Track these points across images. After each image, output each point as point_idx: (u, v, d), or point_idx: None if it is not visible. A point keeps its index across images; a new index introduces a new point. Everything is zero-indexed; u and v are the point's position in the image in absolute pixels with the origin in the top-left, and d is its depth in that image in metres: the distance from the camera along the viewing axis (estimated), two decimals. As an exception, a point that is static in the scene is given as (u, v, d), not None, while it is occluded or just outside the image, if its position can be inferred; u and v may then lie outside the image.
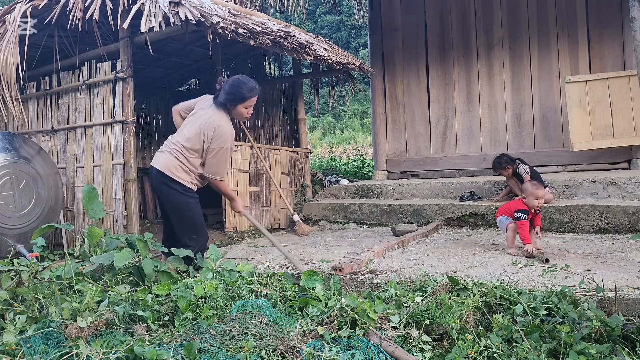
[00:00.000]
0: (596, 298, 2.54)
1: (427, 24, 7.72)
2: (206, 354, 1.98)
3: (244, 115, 3.39)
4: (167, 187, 3.33)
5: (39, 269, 2.66)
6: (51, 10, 5.05)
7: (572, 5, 6.75)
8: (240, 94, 3.28)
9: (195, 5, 4.44)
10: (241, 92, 3.28)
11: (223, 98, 3.31)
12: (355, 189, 6.94)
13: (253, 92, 3.32)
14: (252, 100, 3.32)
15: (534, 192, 3.89)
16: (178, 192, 3.32)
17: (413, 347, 2.12)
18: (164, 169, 3.32)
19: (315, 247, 4.72)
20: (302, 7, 7.49)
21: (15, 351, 2.06)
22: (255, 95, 3.36)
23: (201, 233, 3.40)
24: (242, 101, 3.28)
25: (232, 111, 3.35)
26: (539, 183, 4.05)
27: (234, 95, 3.29)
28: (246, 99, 3.28)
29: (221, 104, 3.34)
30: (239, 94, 3.28)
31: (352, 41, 27.67)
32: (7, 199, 4.51)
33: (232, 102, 3.29)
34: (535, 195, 3.88)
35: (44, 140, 5.74)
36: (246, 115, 3.39)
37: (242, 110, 3.32)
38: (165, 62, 7.82)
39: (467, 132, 7.44)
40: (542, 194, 3.91)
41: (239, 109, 3.32)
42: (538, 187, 3.93)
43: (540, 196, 3.89)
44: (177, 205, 3.36)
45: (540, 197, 3.89)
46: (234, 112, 3.34)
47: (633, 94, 6.12)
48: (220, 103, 3.34)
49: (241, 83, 3.36)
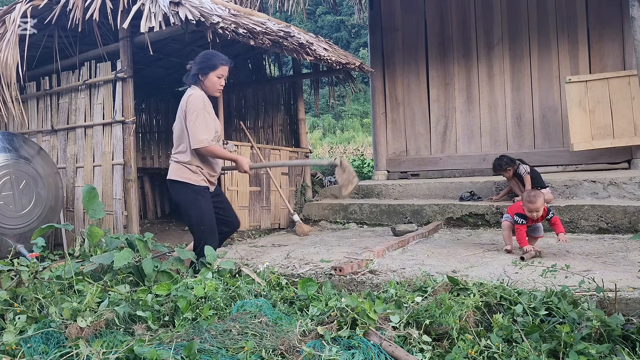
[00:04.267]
0: (596, 298, 2.54)
1: (427, 24, 7.72)
2: (206, 354, 1.98)
3: (216, 86, 3.28)
4: (175, 191, 3.33)
5: (39, 269, 2.66)
6: (51, 10, 5.05)
7: (572, 5, 6.75)
8: (211, 62, 3.24)
9: (195, 5, 4.44)
10: (212, 60, 3.26)
11: (195, 70, 3.27)
12: (355, 189, 6.93)
13: (224, 60, 3.28)
14: (223, 68, 3.25)
15: (527, 204, 3.79)
16: (186, 192, 3.28)
17: (413, 347, 2.12)
18: (171, 176, 3.34)
19: (315, 247, 4.72)
20: (302, 7, 7.49)
21: (15, 351, 2.06)
22: (227, 65, 3.29)
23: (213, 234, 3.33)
24: (214, 69, 3.22)
25: (204, 83, 3.26)
26: (536, 195, 3.79)
27: (205, 63, 3.25)
28: (217, 66, 3.23)
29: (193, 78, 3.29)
30: (209, 62, 3.24)
31: (352, 41, 27.66)
32: (7, 199, 4.51)
33: (204, 70, 3.23)
34: (528, 208, 3.79)
35: (44, 140, 5.74)
36: (219, 87, 3.29)
37: (215, 79, 3.24)
38: (165, 62, 7.82)
39: (467, 132, 7.44)
40: (536, 207, 3.75)
41: (211, 77, 3.24)
42: (533, 200, 3.76)
43: (532, 209, 3.77)
44: (185, 206, 3.31)
45: (532, 210, 3.77)
46: (206, 82, 3.26)
47: (633, 94, 6.12)
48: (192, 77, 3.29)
49: (211, 53, 3.36)
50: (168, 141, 9.52)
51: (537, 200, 3.74)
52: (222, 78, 3.29)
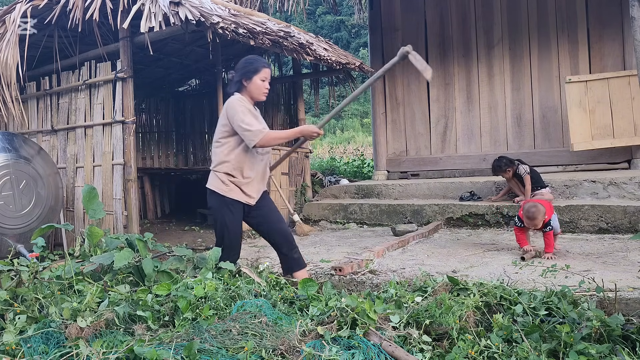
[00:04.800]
0: (596, 298, 2.54)
1: (427, 24, 7.72)
2: (206, 354, 1.98)
3: (262, 89, 3.20)
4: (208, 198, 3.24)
5: (39, 269, 2.65)
6: (51, 10, 5.05)
7: (572, 5, 6.75)
8: (253, 65, 3.19)
9: (195, 5, 4.44)
10: (254, 63, 3.21)
11: (237, 77, 3.21)
12: (355, 189, 6.94)
13: (265, 63, 3.25)
14: (266, 71, 3.20)
15: (526, 218, 3.78)
16: (214, 201, 3.19)
17: (413, 347, 2.12)
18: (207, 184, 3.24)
19: (315, 247, 4.72)
20: (302, 7, 7.49)
21: (15, 351, 2.06)
22: (268, 67, 3.26)
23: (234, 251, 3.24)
24: (257, 72, 3.16)
25: (249, 88, 3.19)
26: (537, 212, 3.73)
27: (247, 67, 3.19)
28: (259, 69, 3.17)
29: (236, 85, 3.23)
30: (251, 65, 3.19)
31: (352, 41, 27.66)
32: (7, 199, 4.51)
33: (247, 75, 3.17)
34: (526, 222, 3.80)
35: (44, 140, 5.74)
36: (264, 90, 3.21)
37: (259, 82, 3.17)
38: (165, 62, 7.82)
39: (467, 132, 7.44)
40: (534, 224, 3.74)
41: (256, 81, 3.17)
42: (532, 216, 3.73)
43: (530, 225, 3.77)
44: (213, 213, 3.25)
45: (530, 225, 3.77)
46: (251, 87, 3.18)
47: (633, 94, 6.12)
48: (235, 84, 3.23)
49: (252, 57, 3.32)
50: (168, 141, 9.52)
51: (537, 217, 3.71)
52: (266, 81, 3.22)
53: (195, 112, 9.38)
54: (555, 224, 3.90)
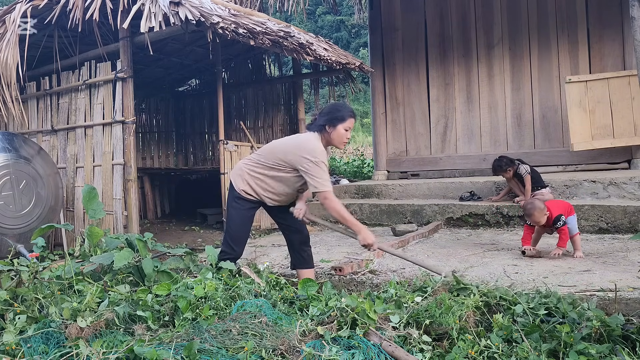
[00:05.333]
0: (596, 298, 2.54)
1: (427, 24, 7.72)
2: (206, 354, 1.98)
3: (343, 139, 3.22)
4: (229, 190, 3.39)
5: (39, 269, 2.65)
6: (51, 10, 5.05)
7: (572, 5, 6.75)
8: (340, 113, 3.20)
9: (195, 5, 4.44)
10: (341, 112, 3.23)
11: (322, 121, 3.22)
12: (355, 189, 6.93)
13: (352, 113, 3.26)
14: (351, 121, 3.21)
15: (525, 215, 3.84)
16: (230, 194, 3.34)
17: (413, 347, 2.12)
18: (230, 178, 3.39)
19: (315, 247, 4.72)
20: (302, 7, 7.49)
21: (15, 351, 2.06)
22: (354, 118, 3.27)
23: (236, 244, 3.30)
24: (342, 121, 3.18)
25: (331, 134, 3.20)
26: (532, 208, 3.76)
27: (334, 114, 3.20)
28: (345, 118, 3.18)
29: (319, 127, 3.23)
30: (338, 113, 3.21)
31: (352, 41, 27.65)
32: (7, 199, 4.51)
33: (332, 122, 3.18)
34: (527, 219, 3.86)
35: (44, 140, 5.74)
36: (345, 140, 3.23)
37: (342, 132, 3.19)
38: (165, 62, 7.83)
39: (467, 132, 7.44)
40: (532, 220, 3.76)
41: (339, 129, 3.18)
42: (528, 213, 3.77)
43: (530, 221, 3.81)
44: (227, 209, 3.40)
45: (530, 221, 3.81)
46: (333, 134, 3.19)
47: (633, 94, 6.12)
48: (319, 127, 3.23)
49: (340, 105, 3.37)
50: (168, 141, 9.52)
51: (533, 214, 3.74)
52: (349, 131, 3.26)
53: (195, 112, 9.38)
54: (574, 224, 3.83)
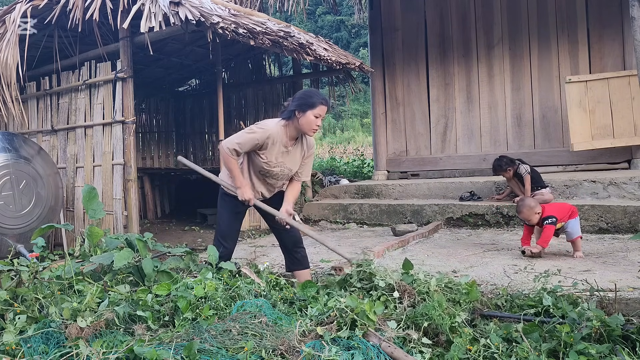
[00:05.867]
0: (596, 298, 2.54)
1: (427, 24, 7.72)
2: (206, 354, 1.98)
3: (312, 125, 3.18)
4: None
5: (39, 269, 2.65)
6: (51, 10, 5.05)
7: (572, 5, 6.75)
8: (311, 99, 3.17)
9: (195, 5, 4.44)
10: (312, 98, 3.20)
11: (292, 106, 3.20)
12: (355, 189, 6.94)
13: (324, 100, 3.22)
14: (322, 108, 3.17)
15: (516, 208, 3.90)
16: (220, 192, 3.42)
17: (412, 348, 2.12)
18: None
19: (315, 247, 4.72)
20: (302, 7, 7.49)
21: (15, 351, 2.06)
22: (326, 105, 3.22)
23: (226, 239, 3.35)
24: (312, 107, 3.14)
25: (299, 120, 3.18)
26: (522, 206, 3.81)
27: (304, 100, 3.19)
28: (316, 104, 3.14)
29: (288, 113, 3.22)
30: (309, 99, 3.18)
31: (352, 41, 27.66)
32: (7, 199, 4.51)
33: (302, 107, 3.15)
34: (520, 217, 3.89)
35: (44, 140, 5.74)
36: (314, 126, 3.20)
37: (312, 118, 3.15)
38: (165, 62, 7.82)
39: (467, 132, 7.44)
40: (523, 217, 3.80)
41: (308, 115, 3.15)
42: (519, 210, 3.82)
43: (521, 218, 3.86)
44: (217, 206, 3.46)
45: (522, 218, 3.85)
46: (302, 120, 3.17)
47: (633, 94, 6.12)
48: (288, 112, 3.22)
49: (312, 91, 3.38)
50: (168, 141, 9.52)
51: (522, 210, 3.79)
52: (319, 118, 3.21)
53: (195, 112, 9.38)
54: (576, 228, 3.82)
